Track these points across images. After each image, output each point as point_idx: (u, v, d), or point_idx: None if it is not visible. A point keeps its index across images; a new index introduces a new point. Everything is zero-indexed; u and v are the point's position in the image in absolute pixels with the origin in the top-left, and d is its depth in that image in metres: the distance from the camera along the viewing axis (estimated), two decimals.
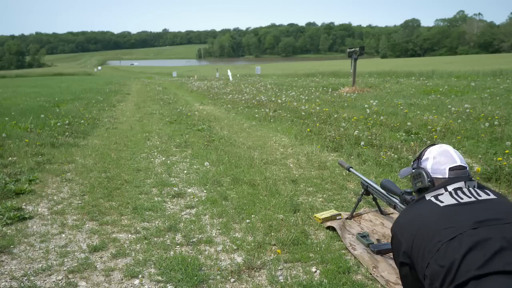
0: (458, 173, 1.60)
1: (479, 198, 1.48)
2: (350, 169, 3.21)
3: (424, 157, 1.73)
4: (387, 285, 2.07)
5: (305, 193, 3.59)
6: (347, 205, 3.27)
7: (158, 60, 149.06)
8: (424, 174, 1.66)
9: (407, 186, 3.57)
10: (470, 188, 1.54)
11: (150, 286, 2.15)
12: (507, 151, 4.31)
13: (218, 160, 4.77)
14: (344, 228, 2.75)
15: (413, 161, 1.80)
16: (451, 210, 1.44)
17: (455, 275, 1.24)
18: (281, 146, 5.59)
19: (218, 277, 2.22)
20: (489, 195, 1.50)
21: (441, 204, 1.48)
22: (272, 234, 2.72)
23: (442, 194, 1.55)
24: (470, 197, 1.48)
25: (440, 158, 1.66)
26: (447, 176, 1.61)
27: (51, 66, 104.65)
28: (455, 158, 1.64)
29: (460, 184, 1.56)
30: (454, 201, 1.48)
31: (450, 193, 1.52)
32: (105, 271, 2.29)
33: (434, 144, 1.77)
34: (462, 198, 1.48)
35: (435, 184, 1.63)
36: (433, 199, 1.54)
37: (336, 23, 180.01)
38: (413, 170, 1.76)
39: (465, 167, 1.62)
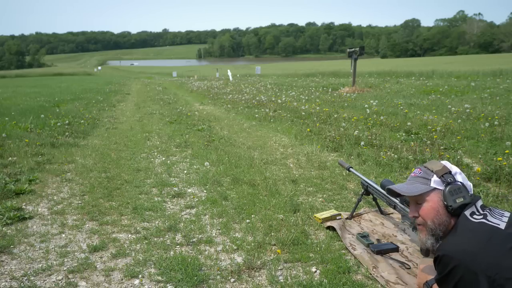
0: None
1: (506, 215, 1.46)
2: (350, 169, 3.21)
3: (453, 171, 1.58)
4: (387, 285, 2.07)
5: (305, 193, 3.59)
6: (347, 205, 3.27)
7: (158, 60, 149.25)
8: (464, 188, 1.53)
9: None
10: (489, 207, 1.52)
11: (150, 286, 2.15)
12: (507, 151, 4.31)
13: (218, 160, 4.77)
14: (344, 228, 2.75)
15: (442, 175, 1.58)
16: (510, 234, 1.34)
17: None
18: (281, 146, 5.59)
19: (218, 277, 2.22)
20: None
21: (501, 227, 1.37)
22: (272, 234, 2.72)
23: (484, 214, 1.45)
24: (501, 216, 1.44)
25: (463, 174, 1.60)
26: (471, 192, 1.56)
27: (51, 66, 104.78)
28: None
29: (481, 201, 1.53)
30: (503, 222, 1.39)
31: (489, 213, 1.46)
32: (105, 271, 2.29)
33: (439, 160, 1.68)
34: (501, 217, 1.43)
35: None
36: (484, 220, 1.42)
37: (336, 23, 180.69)
38: (450, 185, 1.54)
39: None
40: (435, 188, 1.58)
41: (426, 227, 1.59)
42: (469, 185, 1.58)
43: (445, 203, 1.53)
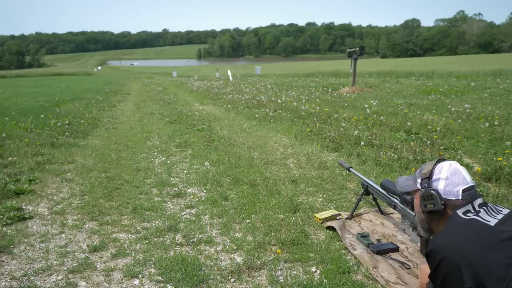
0: (470, 193, 1.55)
1: (504, 213, 1.46)
2: (350, 169, 3.21)
3: (434, 177, 1.61)
4: (387, 285, 2.07)
5: (305, 193, 3.59)
6: (347, 205, 3.27)
7: (158, 60, 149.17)
8: (437, 196, 1.55)
9: None
10: (489, 205, 1.51)
11: (150, 286, 2.15)
12: (507, 151, 4.31)
13: (218, 160, 4.77)
14: (344, 228, 2.75)
15: (422, 180, 1.66)
16: (501, 232, 1.35)
17: None
18: (281, 146, 5.59)
19: (218, 277, 2.22)
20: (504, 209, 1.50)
21: (491, 223, 1.39)
22: (272, 234, 2.72)
23: (478, 211, 1.46)
24: (497, 214, 1.45)
25: (452, 179, 1.57)
26: (460, 198, 1.54)
27: (51, 66, 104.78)
28: (467, 178, 1.57)
29: (481, 200, 1.53)
30: (496, 220, 1.41)
31: (485, 210, 1.47)
32: (105, 271, 2.29)
33: (441, 160, 1.65)
34: (497, 215, 1.44)
35: (447, 206, 1.54)
36: (476, 217, 1.43)
37: (336, 23, 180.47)
38: (423, 190, 1.62)
39: (474, 185, 1.58)
40: (419, 189, 1.70)
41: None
42: (455, 191, 1.55)
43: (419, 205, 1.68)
